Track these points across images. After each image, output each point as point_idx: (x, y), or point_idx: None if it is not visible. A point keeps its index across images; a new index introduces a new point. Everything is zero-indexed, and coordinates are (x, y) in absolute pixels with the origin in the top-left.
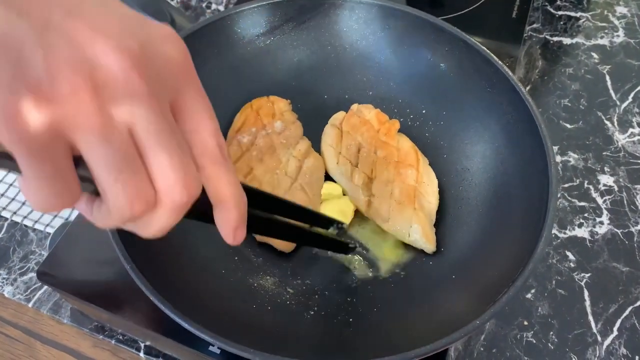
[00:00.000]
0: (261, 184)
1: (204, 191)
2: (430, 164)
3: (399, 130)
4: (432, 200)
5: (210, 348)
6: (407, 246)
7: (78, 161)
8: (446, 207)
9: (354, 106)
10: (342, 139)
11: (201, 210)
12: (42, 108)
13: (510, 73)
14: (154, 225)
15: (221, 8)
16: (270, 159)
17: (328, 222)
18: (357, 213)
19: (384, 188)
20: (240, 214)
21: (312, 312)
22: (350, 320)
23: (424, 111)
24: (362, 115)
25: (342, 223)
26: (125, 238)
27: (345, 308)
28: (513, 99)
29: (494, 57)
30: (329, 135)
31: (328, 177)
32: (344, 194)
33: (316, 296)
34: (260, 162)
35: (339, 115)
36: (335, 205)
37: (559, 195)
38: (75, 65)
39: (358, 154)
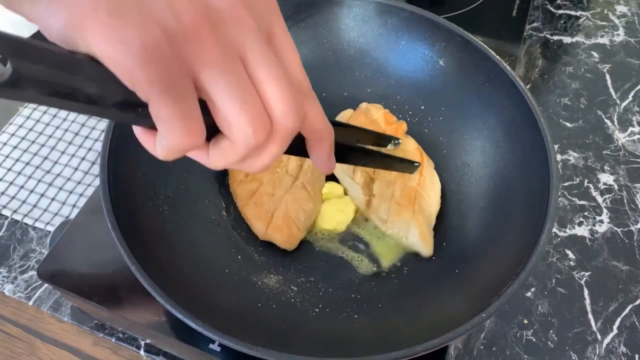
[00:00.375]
0: (262, 182)
1: None
2: (430, 160)
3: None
4: (433, 204)
5: (211, 346)
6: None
7: None
8: (447, 203)
9: (363, 105)
10: None
11: (295, 143)
12: (172, 45)
13: (508, 67)
14: (264, 157)
15: None
16: None
17: (385, 139)
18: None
19: (385, 189)
20: (332, 144)
21: (317, 310)
22: (355, 316)
23: (422, 107)
24: (370, 114)
25: (397, 139)
26: (128, 236)
27: (349, 305)
28: (511, 93)
29: (492, 52)
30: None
31: (330, 177)
32: (345, 194)
33: (320, 293)
34: None
35: (347, 113)
36: (336, 205)
37: (559, 193)
38: (193, 2)
39: None
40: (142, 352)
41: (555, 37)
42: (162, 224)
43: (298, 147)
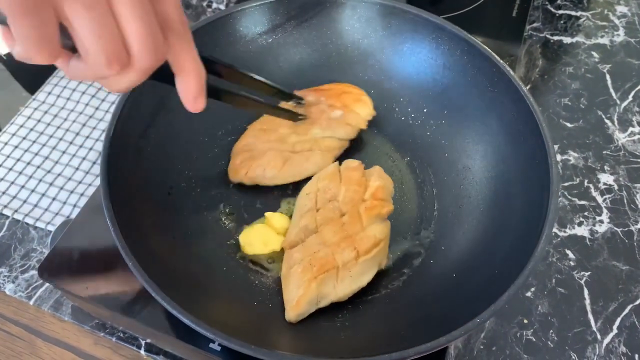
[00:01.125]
0: (277, 129)
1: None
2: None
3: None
4: (338, 291)
5: (211, 345)
6: (406, 245)
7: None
8: (447, 206)
9: (375, 167)
10: (331, 181)
11: (165, 74)
12: None
13: (512, 72)
14: (123, 83)
15: (222, 7)
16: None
17: (286, 95)
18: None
19: (314, 244)
20: (199, 84)
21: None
22: (351, 318)
23: (425, 110)
24: (367, 178)
25: (300, 98)
26: (128, 236)
27: (345, 306)
28: (514, 98)
29: (495, 56)
30: (328, 169)
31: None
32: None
33: None
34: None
35: (354, 162)
36: (264, 235)
37: (559, 194)
38: None
39: (328, 202)
40: (142, 351)
41: (556, 37)
42: (161, 223)
43: (168, 76)
